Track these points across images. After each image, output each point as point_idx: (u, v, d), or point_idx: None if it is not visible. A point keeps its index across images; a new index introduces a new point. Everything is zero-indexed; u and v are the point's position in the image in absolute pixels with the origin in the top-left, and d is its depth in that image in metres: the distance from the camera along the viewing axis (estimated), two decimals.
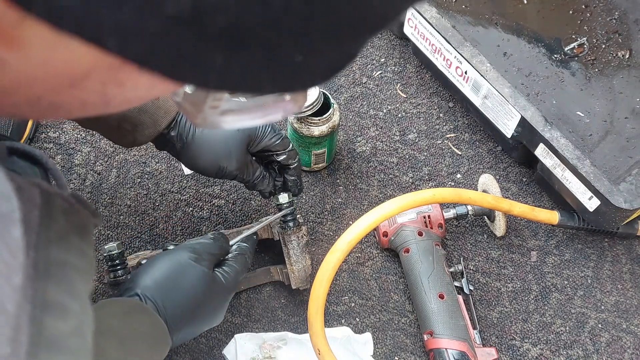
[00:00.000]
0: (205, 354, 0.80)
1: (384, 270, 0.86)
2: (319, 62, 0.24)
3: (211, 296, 0.63)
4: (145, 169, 0.90)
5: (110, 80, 0.23)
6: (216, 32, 0.20)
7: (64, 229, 0.30)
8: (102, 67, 0.21)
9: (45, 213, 0.28)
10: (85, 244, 0.31)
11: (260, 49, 0.21)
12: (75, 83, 0.23)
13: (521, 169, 0.92)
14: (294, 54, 0.22)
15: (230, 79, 0.23)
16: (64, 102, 0.24)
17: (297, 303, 0.83)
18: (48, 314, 0.27)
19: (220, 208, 0.89)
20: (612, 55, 0.86)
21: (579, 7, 0.89)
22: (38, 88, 0.23)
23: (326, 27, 0.21)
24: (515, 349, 0.81)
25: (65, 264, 0.29)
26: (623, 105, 0.82)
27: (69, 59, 0.21)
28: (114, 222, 0.87)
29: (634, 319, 0.83)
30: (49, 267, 0.28)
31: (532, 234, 0.88)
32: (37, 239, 0.27)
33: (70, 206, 0.31)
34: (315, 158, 0.88)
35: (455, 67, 0.86)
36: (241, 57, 0.21)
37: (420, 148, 0.94)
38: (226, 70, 0.22)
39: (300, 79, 0.25)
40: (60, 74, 0.22)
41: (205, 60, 0.21)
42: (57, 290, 0.28)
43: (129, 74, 0.22)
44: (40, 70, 0.21)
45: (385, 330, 0.82)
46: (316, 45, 0.22)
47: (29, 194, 0.28)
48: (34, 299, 0.26)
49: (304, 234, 0.76)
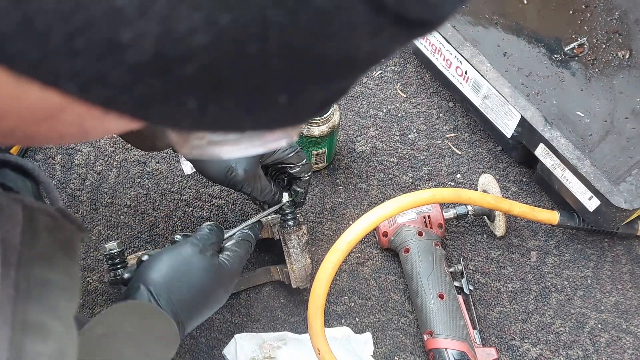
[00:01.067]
0: (205, 354, 0.80)
1: (384, 270, 0.86)
2: (307, 100, 0.23)
3: (218, 283, 0.64)
4: (145, 169, 0.90)
5: (87, 113, 0.22)
6: (185, 79, 0.19)
7: (47, 246, 0.29)
8: (76, 102, 0.20)
9: (27, 230, 0.28)
10: (69, 260, 0.31)
11: (237, 94, 0.20)
12: (50, 116, 0.22)
13: (521, 169, 0.92)
14: (277, 95, 0.21)
15: (206, 122, 0.22)
16: (40, 134, 0.24)
17: (297, 303, 0.83)
18: (28, 337, 0.26)
19: (220, 208, 0.89)
20: (612, 55, 0.86)
21: (579, 7, 0.89)
22: (11, 121, 0.22)
23: (311, 70, 0.20)
24: (515, 349, 0.81)
25: (48, 282, 0.28)
26: (623, 105, 0.82)
27: (40, 96, 0.20)
28: (114, 221, 0.87)
29: (634, 319, 0.83)
30: (31, 286, 0.27)
31: (532, 234, 0.88)
32: (18, 257, 0.27)
33: (55, 222, 0.30)
34: (315, 158, 0.88)
35: (455, 67, 0.86)
36: (217, 102, 0.20)
37: (420, 148, 0.94)
38: (201, 114, 0.21)
39: (286, 118, 0.24)
40: (34, 109, 0.21)
41: (177, 105, 0.20)
42: (39, 311, 0.27)
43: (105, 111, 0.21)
44: (12, 104, 0.21)
45: (385, 330, 0.82)
46: (302, 87, 0.21)
47: (11, 211, 0.27)
48: (14, 321, 0.25)
49: (304, 233, 0.76)
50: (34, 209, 0.29)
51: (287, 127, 0.25)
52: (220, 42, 0.18)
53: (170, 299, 0.59)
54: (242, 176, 0.68)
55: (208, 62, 0.18)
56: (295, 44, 0.19)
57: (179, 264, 0.62)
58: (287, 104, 0.22)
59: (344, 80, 0.23)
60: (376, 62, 0.23)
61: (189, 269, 0.62)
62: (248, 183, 0.70)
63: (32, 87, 0.19)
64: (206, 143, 0.27)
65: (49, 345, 0.27)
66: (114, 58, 0.18)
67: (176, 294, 0.60)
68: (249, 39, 0.18)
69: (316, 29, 0.19)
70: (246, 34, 0.18)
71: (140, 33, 0.17)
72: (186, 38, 0.18)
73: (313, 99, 0.23)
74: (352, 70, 0.22)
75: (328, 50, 0.20)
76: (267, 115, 0.23)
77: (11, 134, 0.23)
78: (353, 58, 0.21)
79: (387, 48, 0.22)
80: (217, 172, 0.69)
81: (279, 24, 0.18)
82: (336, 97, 0.25)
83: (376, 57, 0.22)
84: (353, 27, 0.19)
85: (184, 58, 0.18)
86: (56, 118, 0.22)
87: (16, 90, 0.20)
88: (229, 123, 0.22)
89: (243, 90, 0.20)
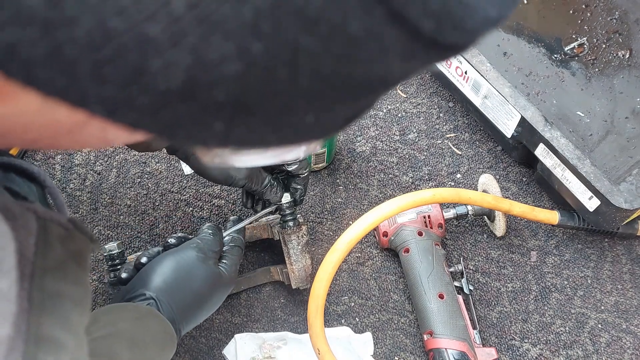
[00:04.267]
0: (205, 354, 0.80)
1: (384, 270, 0.86)
2: (333, 118, 0.23)
3: (217, 290, 0.66)
4: (145, 169, 0.90)
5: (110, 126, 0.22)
6: (214, 104, 0.19)
7: (60, 257, 0.29)
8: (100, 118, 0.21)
9: (41, 241, 0.28)
10: (81, 271, 0.30)
11: (265, 114, 0.20)
12: (73, 130, 0.22)
13: (521, 169, 0.92)
14: (305, 116, 0.21)
15: (232, 142, 0.22)
16: (61, 144, 0.24)
17: (297, 303, 0.83)
18: (42, 351, 0.26)
19: (220, 208, 0.89)
20: (612, 55, 0.86)
21: (579, 6, 0.89)
22: (34, 134, 0.22)
23: (340, 91, 0.20)
24: (515, 349, 0.81)
25: (61, 295, 0.28)
26: (623, 105, 0.82)
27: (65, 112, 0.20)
28: (114, 222, 0.87)
29: (634, 319, 0.83)
30: (44, 299, 0.27)
31: (532, 234, 0.88)
32: (32, 268, 0.27)
33: (67, 232, 0.30)
34: (315, 158, 0.88)
35: (455, 67, 0.86)
36: (244, 122, 0.20)
37: (420, 148, 0.94)
38: (227, 135, 0.21)
39: (312, 135, 0.24)
40: (57, 124, 0.21)
41: (204, 128, 0.20)
42: (52, 324, 0.27)
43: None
44: (35, 120, 0.21)
45: (385, 330, 0.82)
46: (329, 106, 0.21)
47: (24, 221, 0.27)
48: (28, 334, 0.25)
49: (304, 234, 0.76)
50: (47, 219, 0.29)
51: (312, 141, 0.25)
52: (252, 70, 0.18)
53: (170, 304, 0.60)
54: (245, 172, 0.69)
55: (238, 90, 0.18)
56: (325, 68, 0.19)
57: (182, 272, 0.63)
58: (314, 122, 0.22)
59: (371, 98, 0.23)
60: (403, 81, 0.23)
61: (192, 277, 0.63)
62: (250, 179, 0.71)
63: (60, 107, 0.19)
64: (229, 152, 0.27)
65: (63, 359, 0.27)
66: (142, 85, 0.18)
67: (176, 300, 0.61)
68: (280, 66, 0.18)
69: (347, 55, 0.19)
70: (277, 61, 0.18)
71: (170, 62, 0.17)
72: (217, 67, 0.17)
73: (338, 117, 0.23)
74: (380, 90, 0.22)
75: (358, 73, 0.20)
76: (293, 133, 0.23)
77: (33, 144, 0.23)
78: (384, 80, 0.21)
79: (418, 70, 0.22)
80: (220, 171, 0.69)
81: (310, 51, 0.18)
82: (361, 113, 0.24)
83: (405, 77, 0.22)
84: (385, 53, 0.19)
85: (213, 85, 0.18)
86: (79, 132, 0.22)
87: (41, 107, 0.20)
88: (254, 141, 0.22)
89: (270, 111, 0.20)
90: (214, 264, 0.66)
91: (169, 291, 0.61)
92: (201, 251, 0.64)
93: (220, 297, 0.67)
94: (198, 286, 0.63)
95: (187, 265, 0.63)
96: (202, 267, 0.64)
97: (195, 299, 0.63)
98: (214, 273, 0.65)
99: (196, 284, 0.63)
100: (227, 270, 0.67)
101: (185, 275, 0.63)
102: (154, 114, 0.19)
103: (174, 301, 0.60)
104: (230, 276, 0.68)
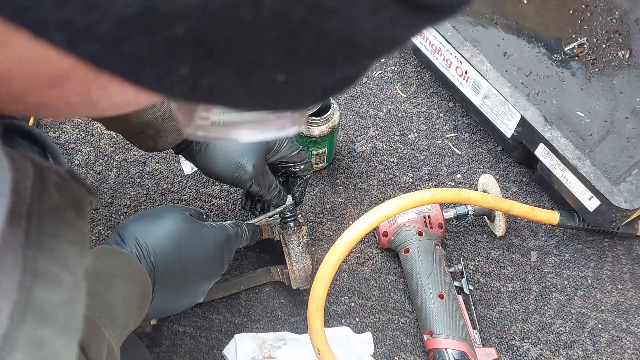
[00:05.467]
0: (205, 353, 0.80)
1: (384, 270, 0.86)
2: (308, 83, 0.22)
3: (194, 235, 0.64)
4: (145, 168, 0.90)
5: (90, 82, 0.22)
6: (175, 41, 0.18)
7: (57, 203, 0.29)
8: (79, 68, 0.20)
9: (37, 185, 0.28)
10: (80, 219, 0.30)
11: (233, 65, 0.20)
12: (55, 83, 0.22)
13: (521, 169, 0.92)
14: (275, 73, 0.21)
15: (201, 93, 0.21)
16: (48, 101, 0.24)
17: (297, 303, 0.83)
18: (38, 283, 0.26)
19: (220, 208, 0.89)
20: (612, 55, 0.86)
21: (579, 6, 0.89)
22: (19, 85, 0.22)
23: (309, 48, 0.20)
24: (515, 349, 0.81)
25: (58, 236, 0.28)
26: (623, 105, 0.82)
27: (43, 57, 0.20)
28: (113, 221, 0.87)
29: (634, 319, 0.83)
30: (41, 237, 0.27)
31: (532, 234, 0.88)
32: (29, 209, 0.27)
33: (64, 182, 0.30)
34: (315, 158, 0.88)
35: (455, 67, 0.86)
36: (211, 71, 0.20)
37: (420, 148, 0.94)
38: (194, 82, 0.20)
39: (286, 100, 0.23)
40: (38, 73, 0.21)
41: (167, 69, 0.20)
42: (49, 261, 0.27)
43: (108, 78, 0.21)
44: (18, 67, 0.21)
45: (385, 330, 0.82)
46: (301, 67, 0.21)
47: (21, 165, 0.27)
48: (24, 266, 0.25)
49: (304, 234, 0.76)
50: (43, 166, 0.29)
51: (289, 110, 0.24)
52: (212, 3, 0.18)
53: (138, 240, 0.59)
54: (251, 173, 0.68)
55: (199, 25, 0.18)
56: (292, 16, 0.18)
57: (152, 211, 0.63)
58: (286, 83, 0.21)
59: (348, 67, 0.23)
60: (381, 51, 0.22)
61: (161, 214, 0.63)
62: (257, 180, 0.70)
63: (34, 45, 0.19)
64: (210, 124, 0.27)
65: (59, 294, 0.27)
66: (102, 9, 0.17)
67: (144, 236, 0.60)
68: (242, 4, 0.18)
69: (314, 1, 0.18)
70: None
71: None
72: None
73: (315, 83, 0.23)
74: (355, 55, 0.22)
75: (326, 26, 0.19)
76: (265, 94, 0.22)
77: (22, 99, 0.23)
78: (355, 39, 0.20)
79: (391, 32, 0.21)
80: (226, 170, 0.68)
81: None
82: (340, 86, 0.24)
83: (380, 44, 0.21)
84: (353, 1, 0.19)
85: (173, 16, 0.18)
86: (62, 86, 0.22)
87: (22, 52, 0.20)
88: (225, 96, 0.22)
89: (238, 62, 0.20)
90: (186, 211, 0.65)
91: (136, 228, 0.60)
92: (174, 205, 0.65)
93: (204, 248, 0.65)
94: (170, 225, 0.62)
95: (156, 209, 0.64)
96: (172, 207, 0.64)
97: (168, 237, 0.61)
98: (183, 214, 0.64)
99: (168, 223, 0.62)
100: (210, 225, 0.66)
101: (154, 212, 0.63)
102: (115, 47, 0.18)
103: (143, 237, 0.60)
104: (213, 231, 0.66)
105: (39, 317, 0.26)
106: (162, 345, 0.80)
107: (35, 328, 0.25)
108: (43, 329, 0.26)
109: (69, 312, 0.28)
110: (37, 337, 0.25)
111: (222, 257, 0.67)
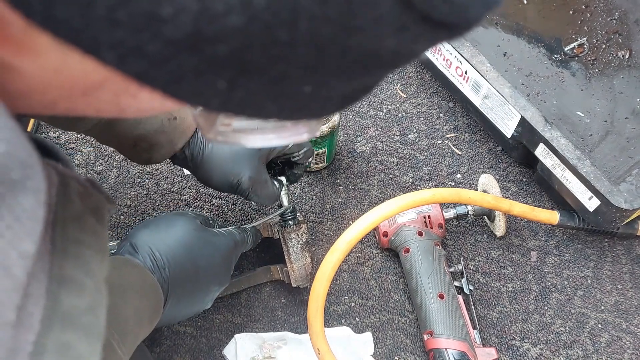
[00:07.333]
0: (205, 353, 0.80)
1: (384, 270, 0.86)
2: (331, 93, 0.24)
3: (206, 244, 0.65)
4: (145, 169, 0.90)
5: (123, 92, 0.23)
6: (217, 59, 0.20)
7: (79, 210, 0.30)
8: (114, 79, 0.22)
9: (61, 193, 0.29)
10: (100, 226, 0.31)
11: (265, 79, 0.21)
12: (88, 92, 0.23)
13: (521, 169, 0.92)
14: (302, 85, 0.22)
15: (234, 104, 0.23)
16: (78, 108, 0.25)
17: (297, 303, 0.83)
18: (64, 289, 0.27)
19: (220, 208, 0.89)
20: (612, 55, 0.86)
21: (579, 7, 0.89)
22: (52, 94, 0.23)
23: (335, 62, 0.21)
24: (515, 349, 0.81)
25: (81, 242, 0.29)
26: (623, 105, 0.82)
27: (81, 69, 0.21)
28: (114, 222, 0.87)
29: (634, 319, 0.83)
30: (66, 244, 0.28)
31: (532, 234, 0.88)
32: (54, 216, 0.28)
33: (85, 190, 0.31)
34: (315, 158, 0.88)
35: (455, 67, 0.86)
36: (245, 85, 0.21)
37: (420, 148, 0.94)
38: (229, 95, 0.22)
39: (309, 109, 0.25)
40: (73, 84, 0.22)
41: (207, 84, 0.21)
42: (74, 267, 0.28)
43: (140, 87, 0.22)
44: (54, 78, 0.22)
45: (385, 330, 0.82)
46: (326, 79, 0.22)
47: (48, 172, 0.28)
48: (51, 272, 0.26)
49: (303, 232, 0.77)
50: (66, 175, 0.30)
51: (310, 118, 0.26)
52: (253, 25, 0.19)
53: (152, 250, 0.60)
54: (248, 184, 0.68)
55: (240, 45, 0.19)
56: (323, 35, 0.20)
57: (162, 219, 0.64)
58: (311, 94, 0.23)
59: (367, 78, 0.24)
60: (399, 63, 0.23)
61: (172, 223, 0.63)
62: (254, 190, 0.70)
63: (73, 57, 0.20)
64: (231, 130, 0.28)
65: (83, 299, 0.28)
66: (152, 31, 0.18)
67: (158, 246, 0.60)
68: (280, 25, 0.19)
69: (344, 21, 0.19)
70: (278, 19, 0.19)
71: (180, 9, 0.18)
72: (222, 17, 0.18)
73: (336, 93, 0.24)
74: (375, 67, 0.23)
75: (353, 42, 0.20)
76: (291, 105, 0.23)
77: (53, 106, 0.24)
78: (377, 54, 0.22)
79: (411, 48, 0.22)
80: (223, 181, 0.68)
81: (309, 12, 0.19)
82: (359, 95, 0.25)
83: (399, 57, 0.23)
84: (379, 22, 0.20)
85: (218, 38, 0.19)
86: (94, 95, 0.23)
87: (59, 64, 0.21)
88: (254, 108, 0.23)
89: (270, 76, 0.21)
90: (198, 220, 0.66)
91: (148, 237, 0.61)
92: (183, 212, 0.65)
93: (214, 255, 0.66)
94: (181, 232, 0.63)
95: (167, 217, 0.64)
96: (182, 215, 0.64)
97: (180, 245, 0.62)
98: (194, 221, 0.65)
99: (179, 231, 0.63)
100: (219, 232, 0.67)
101: (165, 221, 0.63)
102: (162, 65, 0.20)
103: (156, 246, 0.60)
104: (222, 237, 0.66)
105: (66, 322, 0.26)
106: (162, 345, 0.80)
107: (62, 333, 0.26)
108: (69, 334, 0.27)
109: (92, 317, 0.29)
110: (64, 342, 0.26)
111: (230, 264, 0.68)
